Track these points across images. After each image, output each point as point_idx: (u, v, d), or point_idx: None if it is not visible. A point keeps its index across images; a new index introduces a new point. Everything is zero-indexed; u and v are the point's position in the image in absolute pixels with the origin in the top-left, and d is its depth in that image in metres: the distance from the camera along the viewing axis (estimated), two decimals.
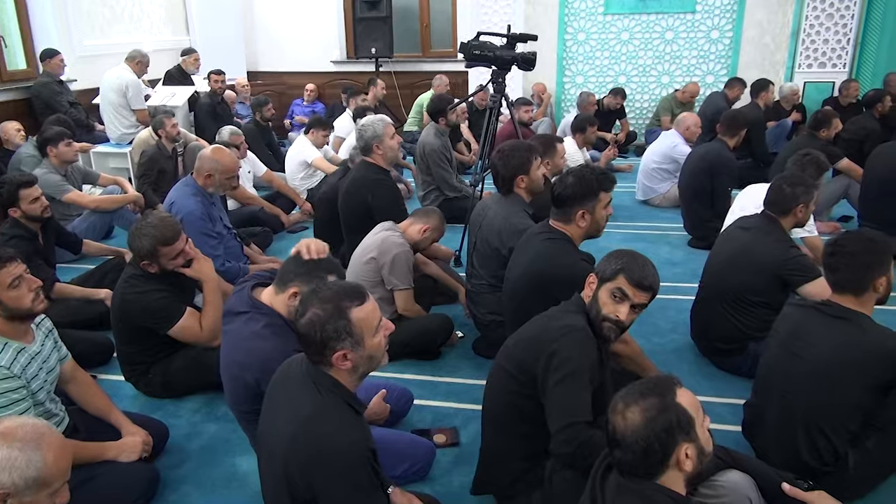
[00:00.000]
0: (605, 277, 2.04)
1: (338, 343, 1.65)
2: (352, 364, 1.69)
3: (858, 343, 2.14)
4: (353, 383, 1.75)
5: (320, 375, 1.70)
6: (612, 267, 2.04)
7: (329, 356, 1.66)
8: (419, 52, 9.15)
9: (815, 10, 7.43)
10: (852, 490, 2.27)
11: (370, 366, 1.74)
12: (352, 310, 1.67)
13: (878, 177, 4.40)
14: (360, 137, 3.82)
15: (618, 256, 2.08)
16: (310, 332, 1.65)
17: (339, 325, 1.64)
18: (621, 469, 1.51)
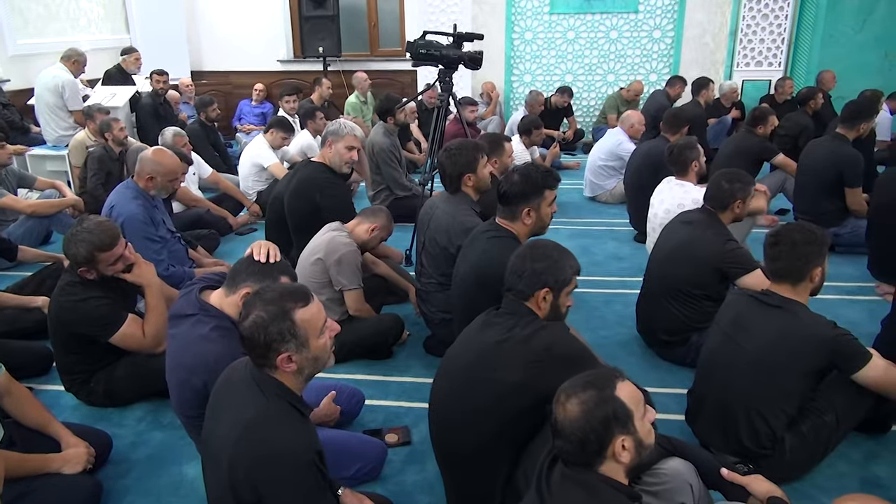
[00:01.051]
0: (563, 283, 2.04)
1: (282, 345, 1.64)
2: (297, 366, 1.67)
3: (795, 331, 2.24)
4: (299, 385, 1.73)
5: (265, 378, 1.68)
6: (566, 272, 2.04)
7: (273, 359, 1.65)
8: (367, 51, 9.11)
9: (752, 11, 7.69)
10: (789, 472, 2.37)
11: (316, 367, 1.73)
12: (296, 311, 1.65)
13: (811, 171, 4.58)
14: (327, 126, 3.84)
15: (558, 258, 2.05)
16: (253, 335, 1.63)
17: (283, 327, 1.63)
18: (563, 459, 1.54)
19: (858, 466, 2.51)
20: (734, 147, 5.20)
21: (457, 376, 2.04)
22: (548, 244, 2.10)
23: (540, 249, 2.06)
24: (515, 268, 2.05)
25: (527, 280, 2.02)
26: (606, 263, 4.62)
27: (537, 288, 2.01)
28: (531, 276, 2.01)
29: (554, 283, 2.01)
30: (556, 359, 1.91)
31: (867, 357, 2.24)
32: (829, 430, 2.33)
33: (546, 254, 2.05)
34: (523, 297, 2.04)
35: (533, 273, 2.01)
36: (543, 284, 2.01)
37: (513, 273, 2.06)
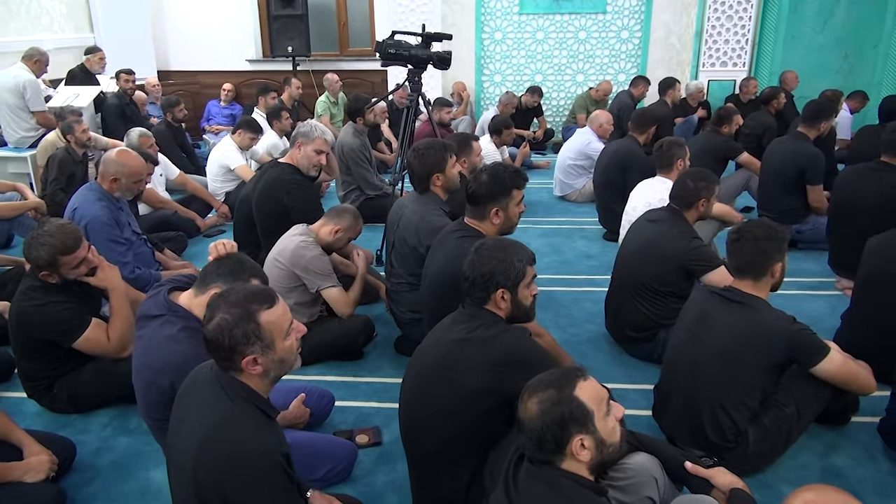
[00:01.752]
0: (517, 279, 2.05)
1: (247, 348, 1.62)
2: (262, 369, 1.66)
3: (756, 326, 2.29)
4: (265, 388, 1.72)
5: (230, 381, 1.67)
6: (516, 267, 2.04)
7: (238, 361, 1.64)
8: (337, 50, 9.06)
9: (716, 12, 7.81)
10: (752, 464, 2.42)
11: (282, 369, 1.72)
12: (261, 313, 1.64)
13: (774, 169, 4.67)
14: (298, 127, 3.80)
15: (504, 257, 2.04)
16: (217, 338, 1.62)
17: (247, 330, 1.62)
18: (528, 456, 1.56)
19: (819, 457, 2.58)
20: (700, 146, 5.27)
21: (423, 374, 2.05)
22: (493, 244, 2.09)
23: (485, 252, 2.05)
24: (466, 274, 2.06)
25: (479, 285, 2.02)
26: (576, 262, 4.66)
27: (491, 291, 2.02)
28: (482, 281, 2.02)
29: (506, 281, 2.02)
30: (516, 363, 1.92)
31: (825, 351, 2.30)
32: (790, 422, 2.38)
33: (491, 255, 2.04)
34: (482, 301, 2.05)
35: (482, 277, 2.01)
36: (496, 286, 2.02)
37: (465, 280, 2.06)
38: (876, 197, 3.73)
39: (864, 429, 2.70)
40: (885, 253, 2.98)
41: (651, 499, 1.84)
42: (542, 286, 4.19)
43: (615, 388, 3.07)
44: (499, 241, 2.12)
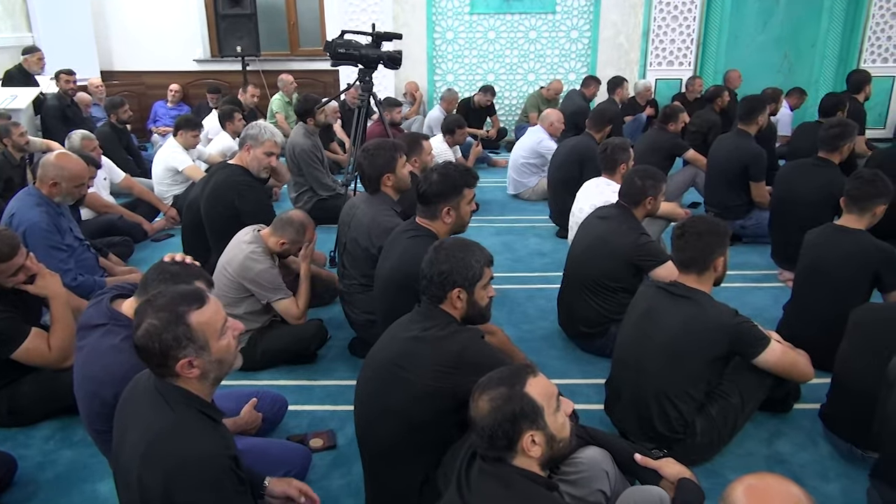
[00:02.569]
0: (474, 279, 2.06)
1: (180, 351, 1.58)
2: (200, 371, 1.62)
3: (699, 320, 2.35)
4: (206, 391, 1.68)
5: (169, 388, 1.63)
6: (474, 267, 2.05)
7: (172, 366, 1.59)
8: (287, 50, 8.95)
9: (662, 13, 7.99)
10: (701, 454, 2.48)
11: (221, 370, 1.68)
12: (190, 314, 1.59)
13: (718, 166, 4.80)
14: (247, 128, 3.70)
15: (462, 256, 2.05)
16: (147, 344, 1.57)
17: (178, 332, 1.57)
18: (480, 454, 1.57)
19: (764, 445, 2.66)
20: (648, 144, 5.39)
21: (376, 374, 2.04)
22: (452, 244, 2.10)
23: (444, 251, 2.06)
24: (424, 272, 2.06)
25: (437, 283, 2.03)
26: (529, 259, 4.71)
27: (448, 289, 2.03)
28: (439, 279, 2.02)
29: (463, 281, 2.03)
30: (468, 365, 1.92)
31: (766, 342, 2.38)
32: (735, 411, 2.45)
33: (450, 254, 2.05)
34: (437, 300, 2.05)
35: (440, 275, 2.02)
36: (453, 285, 2.02)
37: (423, 278, 2.06)
38: (814, 191, 3.86)
39: (805, 415, 2.79)
40: (822, 245, 3.09)
41: (602, 492, 1.86)
42: (495, 284, 4.17)
43: (568, 383, 3.11)
44: (458, 240, 2.12)
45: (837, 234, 3.07)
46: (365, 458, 2.16)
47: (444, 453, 2.00)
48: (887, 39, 8.05)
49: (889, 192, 3.03)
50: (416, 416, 1.94)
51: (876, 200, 3.01)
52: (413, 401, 1.94)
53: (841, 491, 2.40)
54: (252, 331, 3.16)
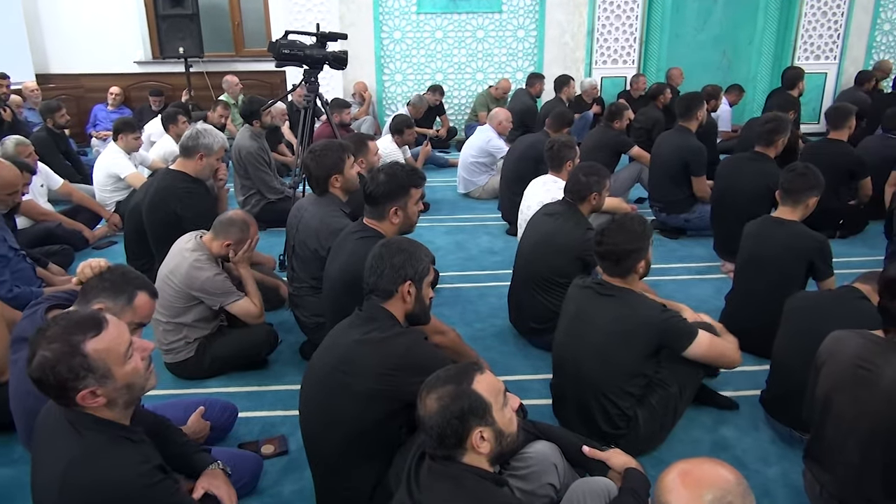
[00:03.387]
0: (423, 273, 2.08)
1: (78, 382, 1.51)
2: (105, 399, 1.56)
3: (628, 317, 2.40)
4: (119, 415, 1.62)
5: (77, 416, 1.57)
6: (423, 262, 2.09)
7: (73, 397, 1.52)
8: (232, 51, 8.80)
9: (606, 12, 8.13)
10: (645, 445, 2.54)
11: (132, 395, 1.62)
12: (86, 343, 1.52)
13: (661, 162, 4.92)
14: (194, 137, 3.59)
15: (413, 250, 2.08)
16: (42, 378, 1.50)
17: (73, 364, 1.49)
18: (429, 453, 1.57)
19: (709, 431, 2.74)
20: (595, 141, 5.49)
21: (320, 379, 2.03)
22: (399, 240, 2.13)
23: (394, 245, 2.09)
24: (374, 268, 2.06)
25: (388, 277, 2.03)
26: (480, 258, 4.74)
27: (400, 282, 2.03)
28: (391, 272, 2.03)
29: (414, 274, 2.05)
30: (411, 366, 1.92)
31: (693, 335, 2.44)
32: (675, 399, 2.52)
33: (401, 248, 2.07)
34: (387, 295, 2.05)
35: (392, 268, 2.03)
36: (405, 278, 2.03)
37: (372, 273, 2.06)
38: (751, 185, 4.00)
39: (748, 401, 2.89)
40: (759, 237, 3.20)
41: (552, 485, 1.89)
42: (447, 283, 4.27)
43: (520, 379, 3.15)
44: (404, 238, 2.14)
45: (774, 226, 3.18)
46: (313, 464, 2.14)
47: (395, 455, 2.00)
48: (819, 37, 8.37)
49: (820, 185, 3.15)
50: (362, 419, 1.94)
51: (808, 193, 3.13)
52: (358, 404, 1.93)
53: (781, 473, 2.49)
54: (201, 338, 3.10)
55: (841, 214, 4.81)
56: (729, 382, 2.97)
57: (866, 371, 1.92)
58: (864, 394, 1.91)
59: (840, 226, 4.86)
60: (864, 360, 1.93)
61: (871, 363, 1.91)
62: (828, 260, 3.06)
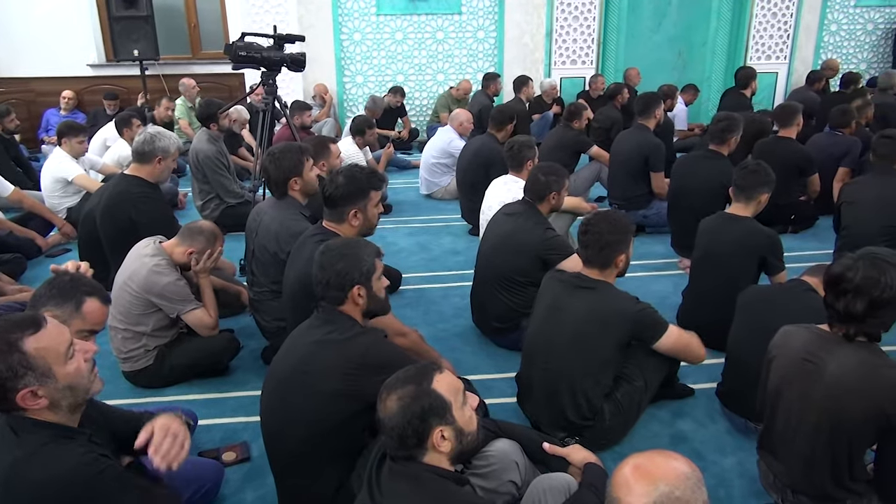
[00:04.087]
0: (369, 272, 2.08)
1: (17, 381, 1.48)
2: (48, 401, 1.53)
3: (603, 308, 2.44)
4: (65, 418, 1.59)
5: (18, 419, 1.54)
6: (366, 261, 2.08)
7: (13, 399, 1.49)
8: (189, 53, 8.65)
9: (564, 13, 8.22)
10: (610, 437, 2.59)
11: (76, 397, 1.58)
12: (25, 340, 1.49)
13: (620, 160, 5.00)
14: (148, 141, 3.51)
15: (352, 252, 2.07)
16: None
17: (11, 362, 1.47)
18: (390, 454, 1.58)
19: (667, 425, 2.80)
20: (555, 141, 5.55)
21: (280, 382, 2.02)
22: (338, 245, 2.11)
23: (333, 252, 2.07)
24: (319, 278, 2.05)
25: (334, 285, 2.03)
26: (443, 258, 4.75)
27: (348, 288, 2.03)
28: (337, 280, 2.02)
29: (360, 276, 2.04)
30: (372, 366, 1.92)
31: (665, 327, 2.50)
32: (640, 393, 2.57)
33: (340, 253, 2.06)
34: (338, 302, 2.05)
35: (337, 276, 2.02)
36: (352, 283, 2.03)
37: (318, 283, 2.05)
38: (706, 182, 4.09)
39: (705, 394, 2.95)
40: (714, 233, 3.28)
41: (513, 482, 1.92)
42: (411, 284, 4.28)
43: (483, 378, 3.17)
44: (342, 240, 2.13)
45: (727, 222, 3.26)
46: (275, 469, 2.13)
47: (357, 458, 2.00)
48: (769, 38, 8.60)
49: (771, 181, 3.24)
50: (324, 421, 1.93)
51: (760, 189, 3.22)
52: (320, 405, 1.93)
53: (737, 463, 2.56)
54: (160, 346, 3.04)
55: (792, 210, 4.96)
56: (687, 376, 3.03)
57: (812, 365, 1.98)
58: (811, 387, 1.97)
59: (792, 221, 5.00)
60: (810, 354, 2.00)
61: (817, 357, 1.97)
62: (779, 255, 3.15)
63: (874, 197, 3.69)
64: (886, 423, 1.84)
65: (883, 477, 1.97)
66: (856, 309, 1.86)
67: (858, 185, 3.91)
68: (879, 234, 3.52)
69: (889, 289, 1.82)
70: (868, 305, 1.84)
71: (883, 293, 1.82)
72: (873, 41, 8.97)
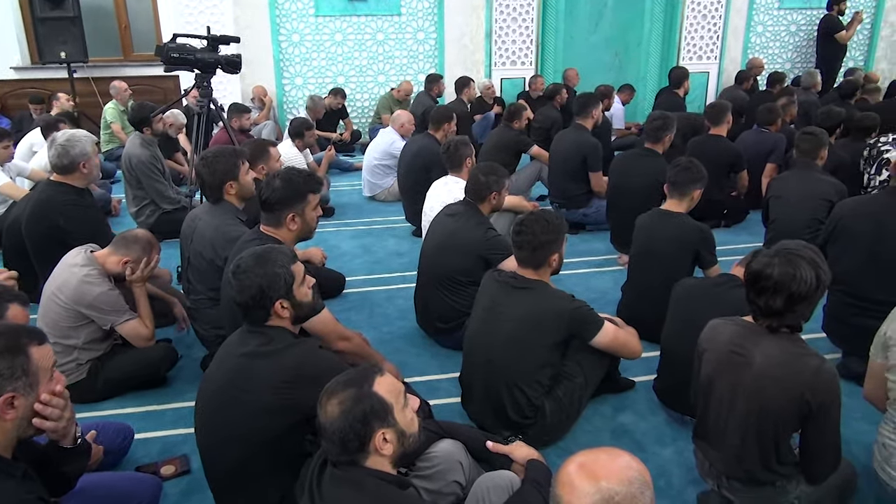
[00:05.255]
0: (289, 283, 2.02)
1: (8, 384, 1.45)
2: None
3: (539, 307, 2.48)
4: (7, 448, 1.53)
5: None
6: (283, 274, 2.01)
7: None
8: (120, 55, 8.37)
9: (503, 15, 8.31)
10: (551, 435, 2.62)
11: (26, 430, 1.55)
12: (31, 348, 1.49)
13: (560, 159, 5.08)
14: (63, 153, 3.37)
15: (264, 265, 1.99)
16: None
17: (15, 363, 1.46)
18: (331, 460, 1.56)
19: (609, 419, 2.86)
20: (495, 141, 5.60)
21: (214, 396, 1.97)
22: (248, 263, 2.00)
23: (246, 273, 1.98)
24: (238, 301, 1.98)
25: (255, 305, 1.97)
26: (387, 260, 4.73)
27: (270, 306, 1.98)
28: (255, 301, 1.96)
29: (280, 289, 1.98)
30: (307, 377, 1.88)
31: (600, 324, 2.55)
32: (580, 390, 2.61)
33: (254, 273, 1.97)
34: (264, 319, 2.00)
35: (253, 298, 1.95)
36: (273, 300, 1.98)
37: (239, 307, 1.99)
38: (642, 179, 4.20)
39: (645, 386, 3.02)
40: (650, 228, 3.36)
41: (458, 482, 1.92)
42: (355, 287, 4.25)
43: (429, 379, 3.17)
44: (252, 257, 2.02)
45: (663, 218, 3.35)
46: (212, 482, 2.07)
47: (301, 467, 1.96)
48: (700, 39, 8.89)
49: (703, 178, 3.34)
50: (261, 434, 1.89)
51: (693, 186, 3.32)
52: (255, 419, 1.88)
53: (676, 452, 2.63)
54: (93, 359, 2.93)
55: (725, 205, 5.14)
56: (628, 369, 3.10)
57: (740, 356, 2.05)
58: (739, 377, 2.04)
59: (724, 216, 5.18)
60: (737, 346, 2.06)
61: (744, 349, 2.04)
62: (711, 249, 3.25)
63: (798, 191, 3.85)
64: (807, 408, 1.93)
65: (806, 459, 2.05)
66: (776, 305, 1.93)
67: (783, 180, 4.07)
68: (804, 227, 3.69)
69: (803, 283, 1.89)
70: (786, 301, 1.92)
71: (799, 288, 1.89)
72: (797, 42, 9.38)
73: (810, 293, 1.91)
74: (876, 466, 2.17)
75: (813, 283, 1.89)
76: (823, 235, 3.21)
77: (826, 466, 2.05)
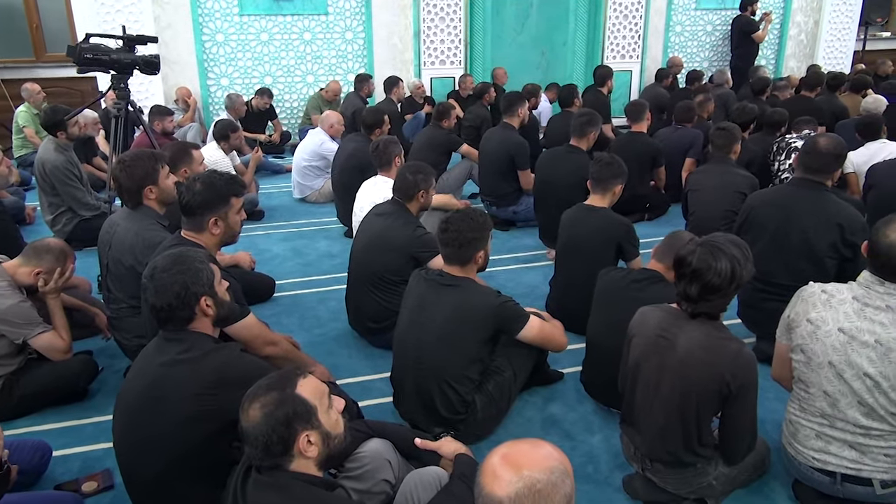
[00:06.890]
0: (209, 281, 2.00)
1: None
2: None
3: (466, 303, 2.51)
4: None
5: None
6: (204, 270, 2.00)
7: None
8: (32, 56, 7.98)
9: (430, 14, 8.34)
10: (483, 428, 2.66)
11: None
12: None
13: (488, 157, 5.14)
14: None
15: (186, 265, 1.97)
16: None
17: None
18: (255, 465, 1.54)
19: (539, 410, 2.92)
20: (425, 140, 5.62)
21: (132, 407, 1.91)
22: (164, 264, 1.97)
23: (164, 274, 1.94)
24: (158, 305, 1.93)
25: (179, 306, 1.93)
26: (319, 262, 4.68)
27: (195, 304, 1.95)
28: (179, 301, 1.92)
29: (203, 287, 1.97)
30: (230, 382, 1.84)
31: (526, 319, 2.60)
32: (509, 384, 2.66)
33: (174, 272, 1.94)
34: (187, 320, 1.96)
35: (177, 297, 1.92)
36: (197, 297, 1.95)
37: (160, 311, 1.94)
38: (567, 175, 4.29)
39: (573, 378, 3.10)
40: (574, 223, 3.45)
41: (387, 481, 1.93)
42: (286, 290, 4.19)
43: (361, 380, 3.16)
44: (168, 259, 1.99)
45: (586, 213, 3.45)
46: (134, 498, 2.01)
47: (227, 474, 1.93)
48: (623, 38, 9.15)
49: (624, 174, 3.45)
50: (183, 443, 1.85)
51: (614, 181, 3.42)
52: (177, 428, 1.84)
53: (603, 439, 2.71)
54: (6, 375, 2.80)
55: (647, 199, 5.32)
56: (558, 361, 3.17)
57: (666, 340, 2.13)
58: (665, 360, 2.13)
59: (647, 209, 5.36)
60: (663, 331, 2.15)
61: (669, 333, 2.13)
62: (633, 241, 3.36)
63: (714, 184, 4.03)
64: (728, 390, 2.03)
65: (725, 440, 2.16)
66: (691, 292, 2.03)
67: (701, 174, 4.25)
68: (721, 218, 3.86)
69: (717, 276, 1.98)
70: (700, 289, 2.01)
71: (713, 280, 1.98)
72: (713, 41, 9.78)
73: (724, 286, 2.00)
74: (784, 442, 2.29)
75: (727, 276, 1.98)
76: (736, 225, 3.37)
77: (743, 446, 2.17)
